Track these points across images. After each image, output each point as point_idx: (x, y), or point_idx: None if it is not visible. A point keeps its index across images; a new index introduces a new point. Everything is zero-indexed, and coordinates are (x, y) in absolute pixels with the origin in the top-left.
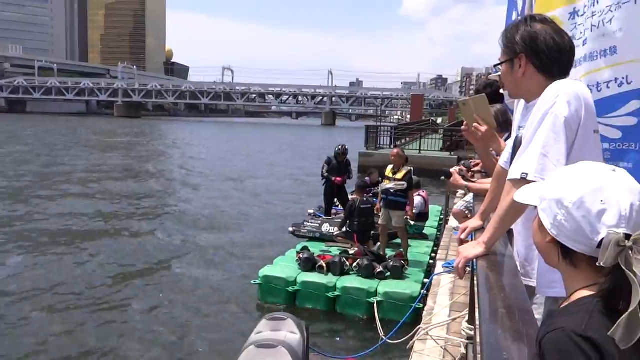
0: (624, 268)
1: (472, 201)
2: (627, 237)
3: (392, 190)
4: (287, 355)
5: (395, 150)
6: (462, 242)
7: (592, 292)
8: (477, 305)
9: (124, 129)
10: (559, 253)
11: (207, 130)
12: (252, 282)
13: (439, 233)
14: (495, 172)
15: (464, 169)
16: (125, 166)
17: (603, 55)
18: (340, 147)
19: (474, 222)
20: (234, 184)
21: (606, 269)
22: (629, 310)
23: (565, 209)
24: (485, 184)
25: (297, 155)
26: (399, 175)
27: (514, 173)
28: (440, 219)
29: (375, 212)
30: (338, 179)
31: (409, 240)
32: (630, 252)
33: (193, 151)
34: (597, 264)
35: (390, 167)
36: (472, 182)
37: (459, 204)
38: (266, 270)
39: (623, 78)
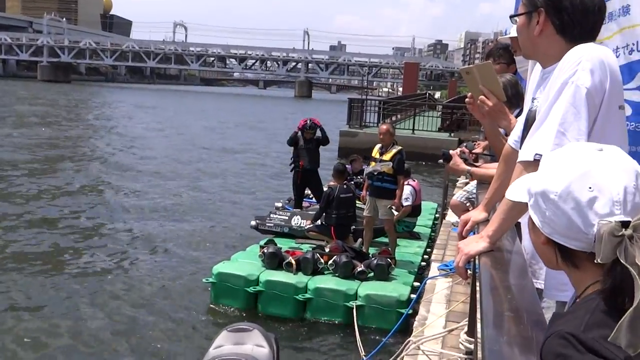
0: (623, 262)
1: (474, 190)
2: (625, 225)
3: (375, 173)
4: None
5: (385, 127)
6: (462, 238)
7: (597, 289)
8: (478, 312)
9: (49, 95)
10: (557, 253)
11: (153, 99)
12: (204, 280)
13: (433, 233)
14: (504, 153)
15: (467, 151)
16: (46, 145)
17: (615, 17)
18: (307, 120)
19: (477, 213)
20: (184, 169)
21: (607, 265)
22: (632, 307)
23: (552, 202)
24: (492, 168)
25: (264, 133)
26: (387, 157)
27: (525, 154)
28: (436, 217)
29: (360, 203)
30: (312, 120)
31: (397, 240)
32: (629, 241)
33: (136, 126)
34: (595, 260)
35: (377, 146)
36: (476, 166)
37: (458, 194)
38: (221, 267)
39: (633, 44)
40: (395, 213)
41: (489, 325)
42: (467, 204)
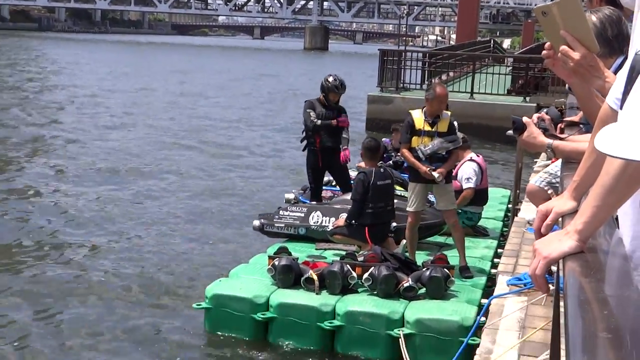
0: None
1: (559, 172)
2: None
3: (444, 153)
4: None
5: (445, 90)
6: (541, 236)
7: None
8: (563, 337)
9: None
10: None
11: (108, 55)
12: (194, 305)
13: (505, 229)
14: (600, 117)
15: (547, 118)
16: None
17: None
18: (333, 77)
19: (562, 202)
20: (164, 156)
21: None
22: None
23: None
24: (583, 142)
25: (265, 104)
26: (443, 126)
27: (630, 115)
28: (508, 208)
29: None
30: (342, 118)
31: None
32: None
33: (94, 91)
34: None
35: (418, 115)
36: (561, 139)
37: (536, 178)
38: (218, 287)
39: None
40: (437, 175)
41: (576, 351)
42: (550, 191)
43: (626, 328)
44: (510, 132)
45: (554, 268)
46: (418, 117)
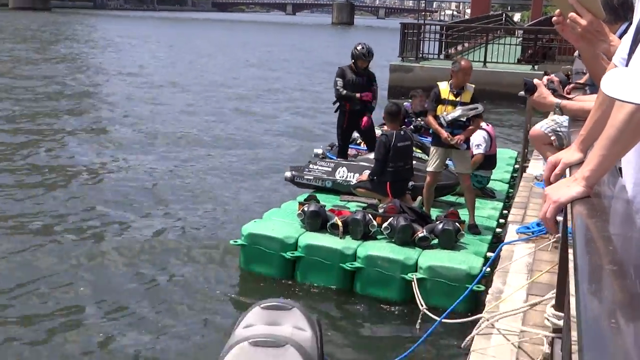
0: None
1: (565, 123)
2: None
3: (464, 120)
4: (297, 358)
5: (469, 63)
6: (550, 184)
7: None
8: (571, 278)
9: (22, 27)
10: None
11: (156, 30)
12: (231, 242)
13: (511, 190)
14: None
15: (556, 80)
16: (31, 93)
17: None
18: (361, 46)
19: (570, 154)
20: (207, 116)
21: None
22: None
23: None
24: (589, 101)
25: (297, 72)
26: (466, 97)
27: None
28: (515, 169)
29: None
30: (366, 93)
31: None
32: None
33: (140, 62)
34: None
35: (445, 86)
36: (569, 99)
37: (542, 123)
38: (253, 227)
39: None
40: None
41: (584, 281)
42: (552, 137)
43: (630, 262)
44: (522, 92)
45: (559, 218)
46: (444, 88)
